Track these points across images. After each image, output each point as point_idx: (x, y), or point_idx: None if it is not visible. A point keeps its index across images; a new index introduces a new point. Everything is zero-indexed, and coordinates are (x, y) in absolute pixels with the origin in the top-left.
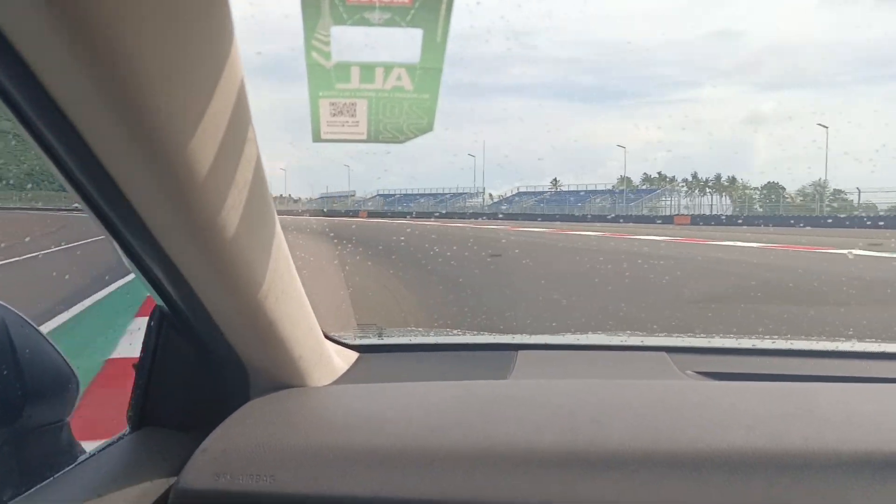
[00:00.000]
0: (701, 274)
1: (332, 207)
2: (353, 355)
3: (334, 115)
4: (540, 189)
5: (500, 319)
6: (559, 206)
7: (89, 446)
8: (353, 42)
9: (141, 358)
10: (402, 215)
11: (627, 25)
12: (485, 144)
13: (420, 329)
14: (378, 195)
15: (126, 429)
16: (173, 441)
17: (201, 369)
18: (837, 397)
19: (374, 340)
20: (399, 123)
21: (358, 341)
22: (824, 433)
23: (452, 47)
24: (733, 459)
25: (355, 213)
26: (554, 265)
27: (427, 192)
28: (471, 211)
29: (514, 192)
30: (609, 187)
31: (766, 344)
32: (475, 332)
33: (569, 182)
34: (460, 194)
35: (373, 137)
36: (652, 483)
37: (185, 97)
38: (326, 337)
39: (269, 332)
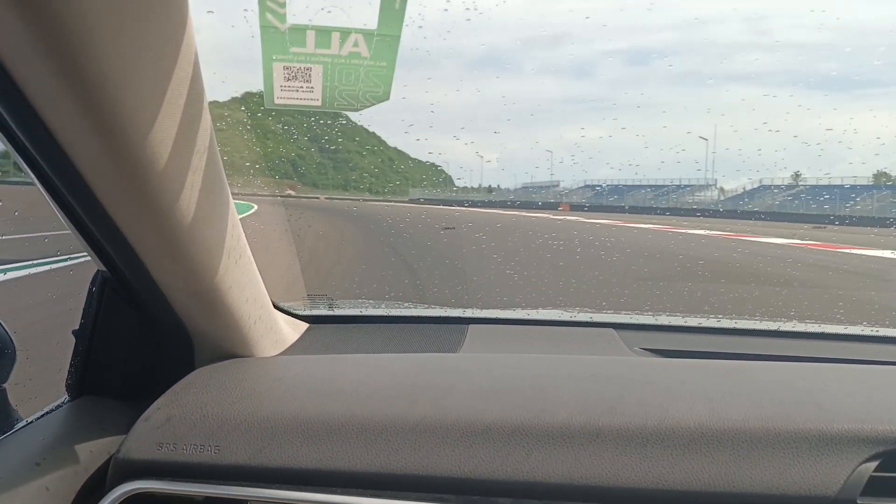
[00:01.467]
0: None
1: (530, 199)
2: (303, 326)
3: (288, 79)
4: (780, 184)
5: None
6: (806, 204)
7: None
8: (309, 4)
9: (81, 324)
10: (613, 210)
11: (873, 7)
12: (716, 132)
13: (372, 301)
14: (585, 185)
15: (65, 397)
16: (114, 410)
17: (144, 337)
18: (778, 375)
19: (325, 311)
20: (355, 91)
21: (309, 312)
22: (763, 410)
23: (673, 35)
24: (676, 434)
25: (553, 206)
26: None
27: (643, 182)
28: (702, 207)
29: (755, 186)
30: (861, 182)
31: (712, 322)
32: (427, 305)
33: (809, 176)
34: (685, 186)
35: (328, 104)
36: (597, 456)
37: (135, 62)
38: (276, 307)
39: (215, 300)
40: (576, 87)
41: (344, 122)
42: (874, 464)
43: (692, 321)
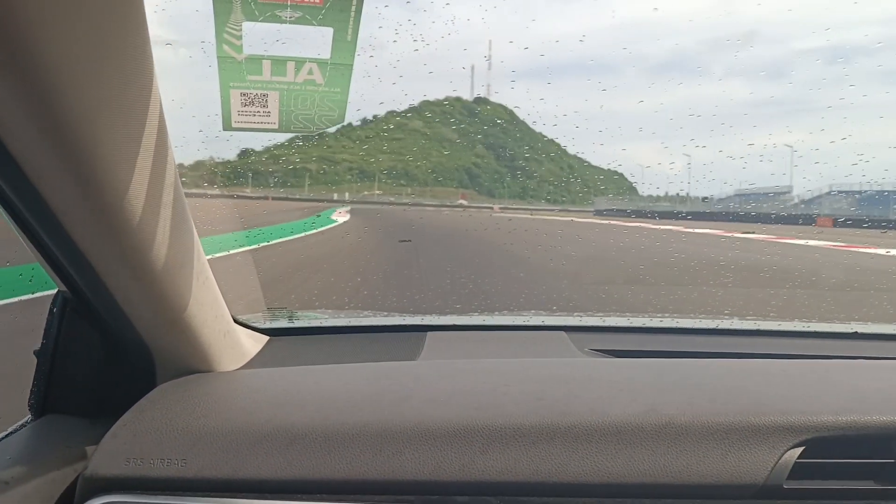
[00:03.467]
0: None
1: (744, 209)
2: (263, 339)
3: (245, 105)
4: None
5: None
6: None
7: None
8: (265, 37)
9: (43, 344)
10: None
11: None
12: None
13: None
14: (835, 192)
15: (28, 416)
16: (78, 428)
17: (106, 355)
18: (713, 371)
19: (285, 324)
20: (311, 115)
21: (268, 325)
22: (698, 405)
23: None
24: (619, 430)
25: (792, 220)
26: None
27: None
28: None
29: None
30: None
31: (656, 322)
32: (386, 314)
33: None
34: None
35: (284, 127)
36: (547, 454)
37: (93, 83)
38: (236, 321)
39: (176, 318)
40: (768, 89)
41: (522, 130)
42: (799, 450)
43: (637, 322)
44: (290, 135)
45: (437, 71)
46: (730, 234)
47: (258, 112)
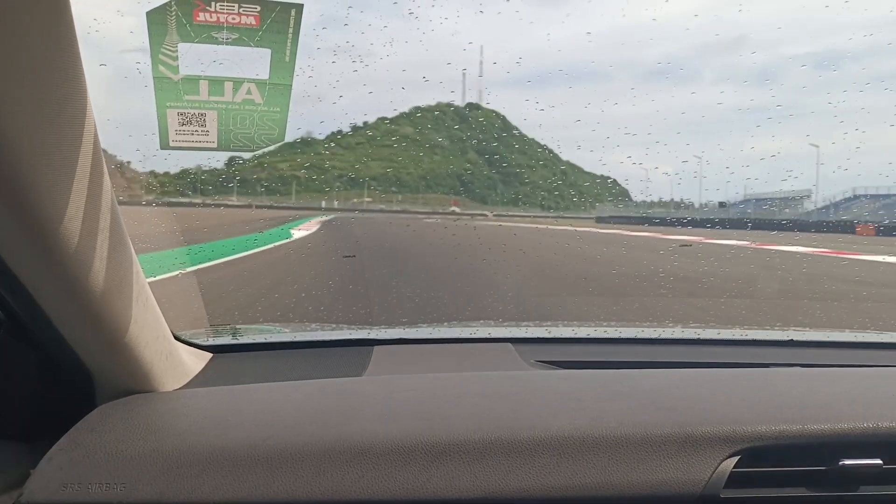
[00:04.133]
0: None
1: (767, 216)
2: (206, 356)
3: (183, 124)
4: None
5: None
6: None
7: None
8: (202, 57)
9: None
10: None
11: None
12: None
13: (276, 326)
14: (855, 196)
15: None
16: (15, 452)
17: (43, 377)
18: (654, 382)
19: (228, 340)
20: (250, 134)
21: (211, 341)
22: (638, 416)
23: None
24: (561, 443)
25: (823, 227)
26: None
27: None
28: None
29: None
30: None
31: (600, 333)
32: (333, 328)
33: None
34: None
35: (223, 146)
36: (491, 469)
37: (24, 107)
38: (177, 338)
39: (115, 338)
40: (757, 95)
41: (514, 135)
42: (734, 460)
43: (581, 332)
44: (279, 143)
45: (429, 77)
46: (772, 248)
47: (196, 131)
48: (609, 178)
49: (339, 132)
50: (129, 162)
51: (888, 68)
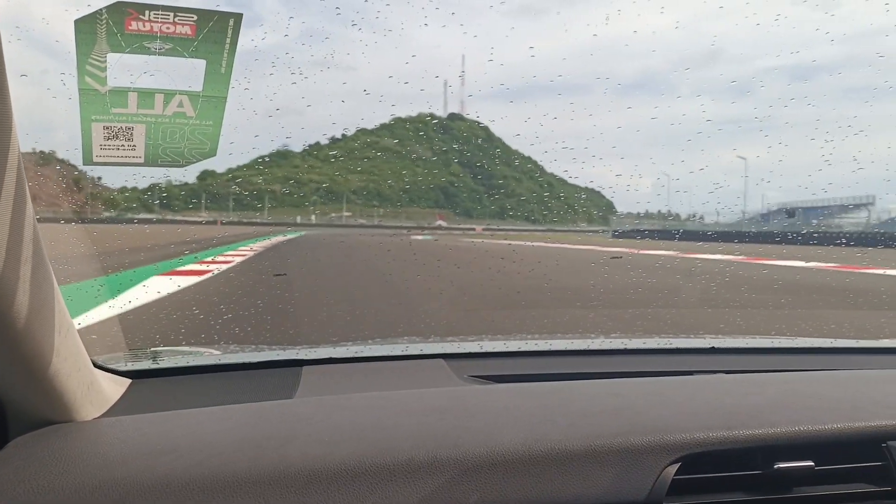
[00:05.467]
0: None
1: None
2: (126, 382)
3: (108, 138)
4: None
5: None
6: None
7: None
8: (132, 68)
9: None
10: None
11: None
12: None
13: (200, 349)
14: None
15: None
16: None
17: None
18: (590, 392)
19: (149, 365)
20: (180, 148)
21: (130, 367)
22: (578, 427)
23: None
24: (508, 459)
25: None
26: None
27: None
28: None
29: None
30: None
31: (531, 346)
32: (258, 348)
33: None
34: None
35: (151, 161)
36: (436, 489)
37: None
38: (95, 365)
39: (34, 369)
40: (734, 107)
41: (498, 146)
42: (675, 467)
43: (513, 346)
44: (253, 155)
45: (410, 88)
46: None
47: (122, 146)
48: (594, 189)
49: (317, 144)
50: (100, 178)
51: (861, 80)
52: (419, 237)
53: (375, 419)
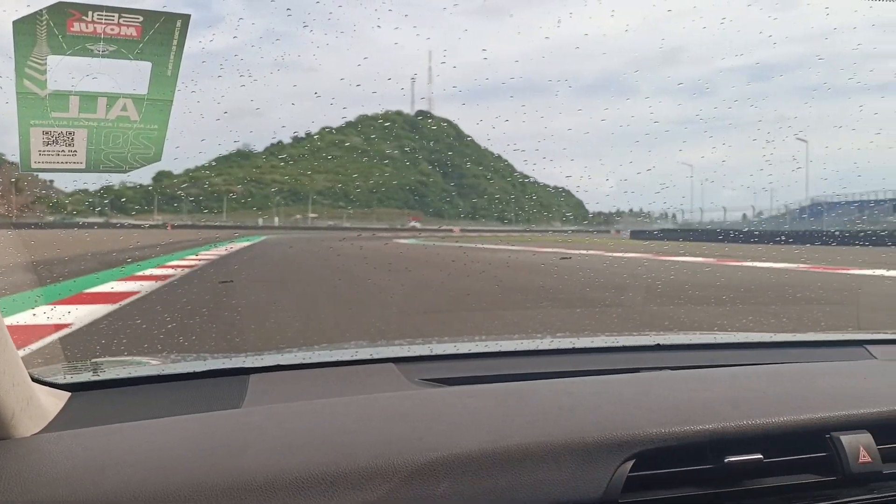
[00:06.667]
0: None
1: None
2: (65, 396)
3: (48, 143)
4: None
5: None
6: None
7: None
8: (74, 71)
9: None
10: None
11: None
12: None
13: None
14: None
15: None
16: None
17: None
18: (544, 392)
19: (89, 377)
20: (123, 153)
21: (70, 379)
22: (534, 428)
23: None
24: (467, 462)
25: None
26: None
27: None
28: None
29: None
30: None
31: (481, 347)
32: (200, 357)
33: None
34: None
35: (92, 167)
36: (394, 495)
37: None
38: (32, 378)
39: None
40: (693, 107)
41: (468, 145)
42: (630, 464)
43: (464, 348)
44: (212, 155)
45: (376, 88)
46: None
47: (62, 151)
48: (563, 189)
49: (280, 143)
50: (52, 181)
51: (816, 80)
52: (403, 241)
53: (330, 426)
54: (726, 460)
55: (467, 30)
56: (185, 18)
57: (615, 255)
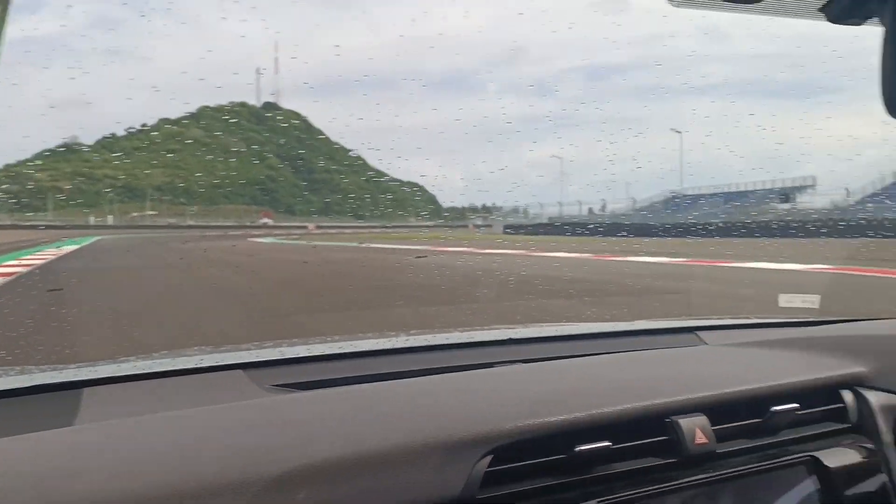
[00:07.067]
0: None
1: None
2: None
3: None
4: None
5: None
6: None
7: None
8: None
9: None
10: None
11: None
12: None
13: None
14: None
15: None
16: None
17: None
18: (401, 392)
19: None
20: None
21: None
22: (394, 429)
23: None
24: (324, 470)
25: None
26: None
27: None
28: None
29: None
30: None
31: (335, 349)
32: (31, 371)
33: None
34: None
35: None
36: None
37: None
38: None
39: None
40: (538, 106)
41: (319, 139)
42: (487, 460)
43: (317, 350)
44: (38, 149)
45: (221, 79)
46: None
47: None
48: (416, 184)
49: (113, 136)
50: None
51: (650, 81)
52: (262, 240)
53: (174, 441)
54: (577, 449)
55: (319, 24)
56: (4, 2)
57: (473, 251)
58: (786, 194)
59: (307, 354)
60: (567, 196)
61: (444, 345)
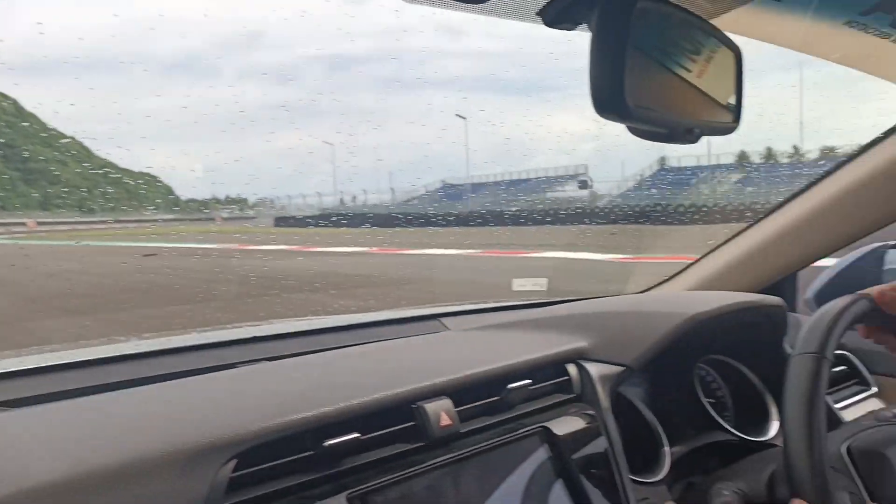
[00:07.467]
0: None
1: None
2: None
3: None
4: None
5: None
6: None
7: None
8: None
9: None
10: None
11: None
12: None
13: None
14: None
15: None
16: None
17: None
18: (133, 402)
19: None
20: None
21: None
22: (129, 442)
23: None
24: (43, 495)
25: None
26: None
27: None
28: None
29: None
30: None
31: (55, 359)
32: None
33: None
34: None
35: None
36: None
37: None
38: None
39: None
40: (281, 93)
41: (34, 124)
42: (231, 465)
43: (30, 361)
44: None
45: None
46: None
47: None
48: (150, 175)
49: None
50: None
51: (389, 72)
52: None
53: None
54: (325, 444)
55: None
56: None
57: (210, 246)
58: (584, 181)
59: (19, 368)
60: (320, 187)
61: (181, 347)
